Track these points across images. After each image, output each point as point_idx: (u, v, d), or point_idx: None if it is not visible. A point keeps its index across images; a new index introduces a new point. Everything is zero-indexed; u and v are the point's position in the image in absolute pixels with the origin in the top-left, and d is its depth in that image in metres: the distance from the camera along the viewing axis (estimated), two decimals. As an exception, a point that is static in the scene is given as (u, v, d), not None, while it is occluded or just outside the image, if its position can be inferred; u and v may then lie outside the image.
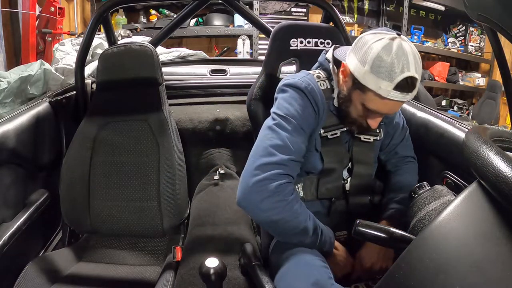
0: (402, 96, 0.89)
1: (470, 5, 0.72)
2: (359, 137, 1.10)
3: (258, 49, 3.69)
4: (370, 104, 0.94)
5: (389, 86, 0.87)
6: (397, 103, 0.92)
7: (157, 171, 1.38)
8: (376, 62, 0.87)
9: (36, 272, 1.16)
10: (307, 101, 1.01)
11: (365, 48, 0.90)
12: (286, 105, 1.00)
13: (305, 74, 1.06)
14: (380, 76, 0.87)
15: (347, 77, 0.98)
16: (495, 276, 0.50)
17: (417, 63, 0.88)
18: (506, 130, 0.73)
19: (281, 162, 0.93)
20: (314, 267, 0.91)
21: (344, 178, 1.11)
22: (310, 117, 1.01)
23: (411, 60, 0.87)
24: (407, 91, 0.88)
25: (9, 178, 1.21)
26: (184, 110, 1.78)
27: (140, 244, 1.41)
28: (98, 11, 1.50)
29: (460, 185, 1.09)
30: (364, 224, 0.78)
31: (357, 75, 0.92)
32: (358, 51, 0.92)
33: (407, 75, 0.86)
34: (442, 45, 4.45)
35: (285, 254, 0.98)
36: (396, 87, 0.87)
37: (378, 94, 0.90)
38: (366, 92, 0.92)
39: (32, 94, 1.84)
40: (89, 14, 3.61)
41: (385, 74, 0.87)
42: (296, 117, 0.98)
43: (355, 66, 0.93)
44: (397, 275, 0.56)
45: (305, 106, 1.00)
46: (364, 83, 0.91)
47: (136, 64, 1.44)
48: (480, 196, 0.56)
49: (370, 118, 0.99)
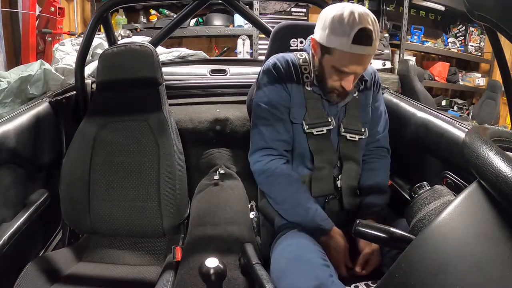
0: (362, 49, 1.00)
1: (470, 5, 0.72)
2: (345, 136, 1.17)
3: (258, 49, 3.69)
4: (338, 63, 1.05)
5: (348, 40, 0.99)
6: (361, 56, 1.02)
7: (157, 171, 1.38)
8: (333, 24, 1.01)
9: (36, 272, 1.16)
10: (276, 78, 1.15)
11: (324, 18, 1.05)
12: (259, 93, 1.18)
13: (284, 54, 1.20)
14: (338, 34, 1.00)
15: (316, 48, 1.09)
16: (495, 276, 0.50)
17: (371, 18, 1.00)
18: (506, 130, 0.73)
19: (262, 146, 1.15)
20: (316, 265, 0.92)
21: (335, 176, 1.16)
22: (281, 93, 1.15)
23: (361, 16, 0.99)
24: (365, 43, 0.99)
25: (9, 178, 1.21)
26: (184, 110, 1.78)
27: (140, 244, 1.41)
28: (98, 11, 1.50)
29: (460, 185, 1.09)
30: (364, 224, 0.78)
31: (321, 41, 1.05)
32: (319, 23, 1.06)
33: (360, 27, 0.97)
34: (442, 45, 4.45)
35: (285, 253, 0.99)
36: (354, 41, 0.98)
37: (341, 51, 1.01)
38: (332, 53, 1.04)
39: (32, 94, 1.84)
40: (89, 14, 3.61)
41: (342, 31, 0.99)
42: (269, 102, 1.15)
43: (319, 35, 1.06)
44: (397, 275, 0.56)
45: (274, 85, 1.15)
46: (328, 45, 1.03)
47: (136, 64, 1.44)
48: (480, 196, 0.56)
49: (343, 80, 1.08)
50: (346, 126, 1.17)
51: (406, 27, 4.13)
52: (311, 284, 0.86)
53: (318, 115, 1.14)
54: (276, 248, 1.06)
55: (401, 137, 1.34)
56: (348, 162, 1.17)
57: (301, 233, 1.05)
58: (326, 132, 1.14)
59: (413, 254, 0.56)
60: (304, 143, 1.15)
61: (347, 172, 1.17)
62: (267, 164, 1.13)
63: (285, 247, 1.01)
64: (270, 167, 1.12)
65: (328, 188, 1.15)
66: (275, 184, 1.12)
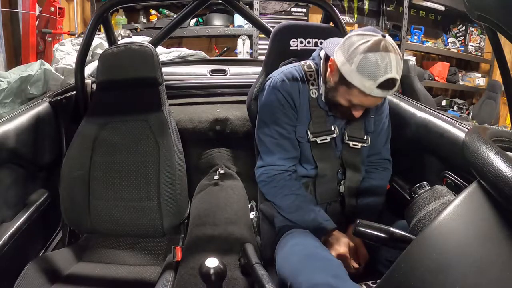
0: (383, 93, 0.99)
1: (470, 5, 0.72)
2: (348, 143, 1.18)
3: (258, 49, 3.69)
4: (354, 98, 1.04)
5: (372, 85, 0.96)
6: (378, 98, 1.02)
7: (157, 171, 1.38)
8: (362, 63, 0.96)
9: (36, 272, 1.16)
10: (281, 96, 1.14)
11: (352, 48, 0.98)
12: (265, 110, 1.18)
13: (290, 66, 1.19)
14: (365, 76, 0.96)
15: (334, 71, 1.06)
16: (495, 276, 0.50)
17: (399, 64, 0.97)
18: (506, 130, 0.73)
19: (270, 163, 1.17)
20: (330, 261, 0.94)
21: (338, 181, 1.19)
22: (287, 112, 1.15)
23: (393, 63, 0.95)
24: (388, 89, 0.98)
25: (9, 178, 1.21)
26: (184, 110, 1.78)
27: (140, 244, 1.41)
28: (98, 11, 1.50)
29: (460, 185, 1.09)
30: (364, 224, 0.78)
31: (344, 72, 1.01)
32: (345, 50, 1.00)
33: (389, 76, 0.95)
34: (442, 45, 4.45)
35: (296, 251, 0.99)
36: (378, 86, 0.96)
37: (362, 92, 0.99)
38: (351, 88, 1.01)
39: (32, 94, 1.84)
40: (89, 14, 3.60)
41: (369, 75, 0.96)
42: (275, 121, 1.15)
43: (342, 63, 1.01)
44: (397, 275, 0.56)
45: (281, 104, 1.14)
46: (350, 80, 1.00)
47: (136, 64, 1.44)
48: (480, 196, 0.56)
49: (354, 109, 1.08)
50: (350, 134, 1.19)
51: (406, 27, 4.13)
52: (329, 279, 0.86)
53: (322, 124, 1.16)
54: (283, 248, 1.06)
55: (401, 137, 1.33)
56: (351, 169, 1.19)
57: (306, 232, 1.07)
58: (329, 140, 1.16)
59: (413, 254, 0.56)
60: (307, 150, 1.17)
61: (350, 178, 1.19)
62: (273, 176, 1.17)
63: (293, 246, 1.02)
64: (275, 179, 1.17)
65: (331, 193, 1.19)
66: (280, 193, 1.16)
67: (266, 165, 1.18)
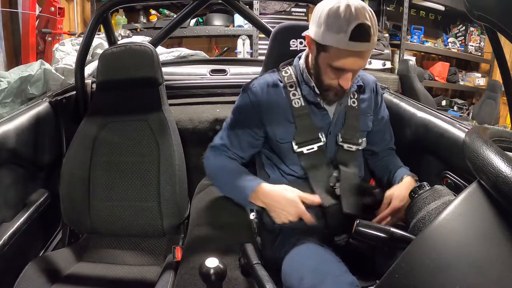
0: (360, 45, 0.95)
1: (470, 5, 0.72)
2: (342, 146, 1.16)
3: (258, 49, 3.69)
4: (335, 61, 1.00)
5: (345, 37, 0.94)
6: (359, 53, 0.97)
7: (157, 171, 1.38)
8: (328, 20, 0.96)
9: (36, 272, 1.16)
10: (250, 102, 1.17)
11: (318, 13, 0.99)
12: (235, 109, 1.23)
13: (267, 75, 1.20)
14: (334, 31, 0.95)
15: (311, 45, 1.05)
16: (495, 276, 0.50)
17: (367, 12, 0.95)
18: (506, 130, 0.73)
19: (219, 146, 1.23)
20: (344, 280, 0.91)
21: (332, 185, 1.14)
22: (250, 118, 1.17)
23: (358, 11, 0.94)
24: (363, 39, 0.94)
25: (9, 178, 1.21)
26: (184, 110, 1.78)
27: (140, 244, 1.41)
28: (98, 11, 1.50)
29: (460, 185, 1.09)
30: (364, 224, 0.78)
31: (317, 39, 1.00)
32: (314, 19, 1.02)
33: (357, 22, 0.93)
34: (442, 45, 4.45)
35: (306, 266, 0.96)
36: (351, 37, 0.93)
37: (338, 48, 0.97)
38: (328, 50, 0.99)
39: (32, 94, 1.85)
40: (89, 14, 3.61)
41: (338, 28, 0.94)
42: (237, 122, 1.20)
43: (314, 32, 1.01)
44: (397, 275, 0.56)
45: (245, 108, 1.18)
46: (324, 43, 0.98)
47: (136, 64, 1.44)
48: (480, 196, 0.56)
49: (340, 78, 1.03)
50: (344, 136, 1.16)
51: (406, 27, 4.13)
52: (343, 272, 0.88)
53: (307, 132, 1.13)
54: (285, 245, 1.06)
55: (401, 137, 1.33)
56: (346, 172, 1.15)
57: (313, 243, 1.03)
58: (316, 149, 1.13)
59: (413, 254, 0.56)
60: (295, 162, 1.15)
61: (345, 181, 1.14)
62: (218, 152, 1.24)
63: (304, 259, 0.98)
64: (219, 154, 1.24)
65: (327, 198, 1.14)
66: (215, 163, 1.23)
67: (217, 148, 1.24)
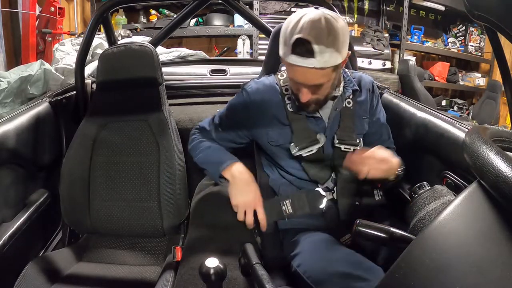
0: (302, 61, 0.92)
1: (470, 5, 0.72)
2: (339, 147, 1.15)
3: (258, 49, 3.69)
4: (289, 74, 1.01)
5: (287, 50, 0.94)
6: (305, 69, 0.94)
7: (157, 171, 1.38)
8: (283, 32, 0.96)
9: (36, 272, 1.16)
10: (243, 102, 1.16)
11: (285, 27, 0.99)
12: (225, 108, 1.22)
13: (266, 78, 1.20)
14: (282, 43, 0.96)
15: None
16: (495, 276, 0.50)
17: (315, 28, 0.91)
18: (506, 130, 0.73)
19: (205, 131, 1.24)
20: None
21: (329, 188, 1.15)
22: (239, 117, 1.17)
23: (307, 25, 0.91)
24: (304, 55, 0.92)
25: (9, 178, 1.21)
26: (184, 110, 1.78)
27: (140, 244, 1.41)
28: (98, 11, 1.50)
29: (460, 185, 1.09)
30: (364, 224, 0.78)
31: (279, 52, 1.00)
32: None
33: (296, 37, 0.91)
34: (442, 45, 4.45)
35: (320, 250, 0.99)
36: (293, 51, 0.92)
37: (285, 61, 0.97)
38: (284, 63, 0.99)
39: (32, 94, 1.85)
40: (89, 14, 3.61)
41: (284, 40, 0.95)
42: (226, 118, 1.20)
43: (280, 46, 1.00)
44: (397, 275, 0.56)
45: (237, 107, 1.18)
46: (280, 53, 0.99)
47: (136, 64, 1.44)
48: (480, 196, 0.56)
49: (298, 91, 1.03)
50: (341, 137, 1.15)
51: (406, 27, 4.13)
52: None
53: (305, 135, 1.12)
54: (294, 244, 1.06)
55: (401, 137, 1.33)
56: (343, 173, 1.14)
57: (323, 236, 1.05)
58: (316, 151, 1.13)
59: (413, 254, 0.56)
60: (295, 166, 1.15)
61: (342, 182, 1.14)
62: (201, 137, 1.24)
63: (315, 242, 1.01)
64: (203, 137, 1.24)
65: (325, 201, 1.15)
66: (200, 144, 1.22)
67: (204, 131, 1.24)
